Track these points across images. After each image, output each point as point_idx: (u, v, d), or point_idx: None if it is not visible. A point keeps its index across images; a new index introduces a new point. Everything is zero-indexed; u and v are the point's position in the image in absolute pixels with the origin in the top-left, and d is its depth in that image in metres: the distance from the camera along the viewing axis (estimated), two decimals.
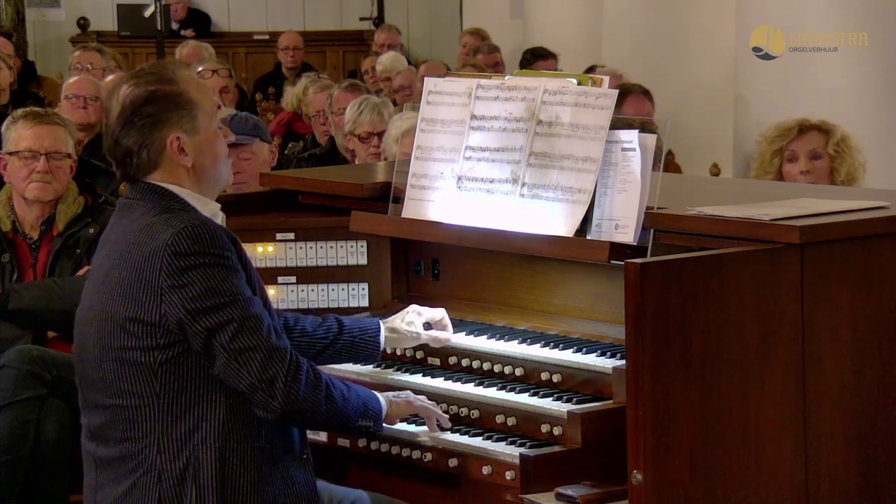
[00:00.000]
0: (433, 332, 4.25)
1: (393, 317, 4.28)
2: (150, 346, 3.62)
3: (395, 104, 7.98)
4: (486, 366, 4.16)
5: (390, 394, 3.96)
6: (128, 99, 3.74)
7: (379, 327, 4.22)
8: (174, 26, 15.57)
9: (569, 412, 3.78)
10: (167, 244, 3.61)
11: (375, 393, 3.89)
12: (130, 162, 3.76)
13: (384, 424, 3.89)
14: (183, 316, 3.59)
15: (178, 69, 3.84)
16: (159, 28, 13.51)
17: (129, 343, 3.64)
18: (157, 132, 3.73)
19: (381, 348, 4.23)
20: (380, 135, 6.91)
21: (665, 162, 4.06)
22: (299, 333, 4.11)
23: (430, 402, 4.00)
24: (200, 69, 9.53)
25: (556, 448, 3.76)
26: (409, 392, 4.00)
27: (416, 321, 4.24)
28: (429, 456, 3.99)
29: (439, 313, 4.28)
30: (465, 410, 4.02)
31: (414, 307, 4.28)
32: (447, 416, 4.01)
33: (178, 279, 3.60)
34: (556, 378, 4.00)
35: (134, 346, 3.63)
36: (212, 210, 3.81)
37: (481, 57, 11.24)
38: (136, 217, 3.72)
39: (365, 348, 4.21)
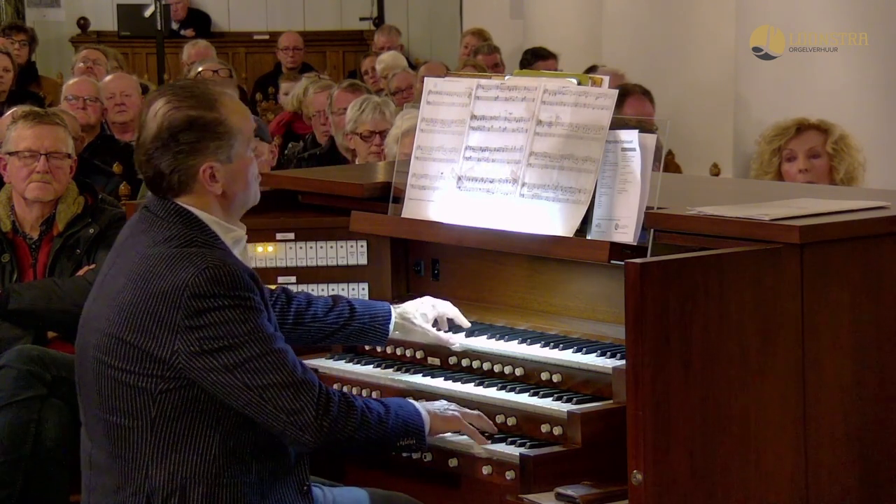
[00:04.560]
0: (440, 334, 4.24)
1: (406, 304, 4.28)
2: (153, 374, 3.57)
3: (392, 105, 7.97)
4: (486, 366, 4.17)
5: (438, 405, 3.89)
6: (166, 120, 3.65)
7: (389, 316, 4.24)
8: (174, 26, 15.58)
9: (569, 412, 3.78)
10: (188, 284, 3.54)
11: (418, 407, 3.82)
12: (160, 183, 3.69)
13: (428, 438, 3.83)
14: (197, 355, 3.53)
15: (222, 93, 3.73)
16: (159, 28, 13.52)
17: (131, 367, 3.59)
18: (191, 160, 3.66)
19: (389, 335, 4.25)
20: (381, 133, 6.93)
21: (665, 162, 4.07)
22: (311, 318, 4.13)
23: (474, 413, 3.92)
24: (201, 69, 9.53)
25: (556, 448, 3.76)
26: (455, 405, 3.92)
27: (429, 314, 4.26)
28: (429, 456, 3.99)
29: (452, 310, 4.29)
30: None
31: (428, 299, 4.30)
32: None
33: (196, 320, 3.53)
34: (556, 378, 4.00)
35: (136, 370, 3.58)
36: (235, 237, 3.74)
37: (481, 57, 11.25)
38: (159, 240, 3.64)
39: (374, 335, 4.24)
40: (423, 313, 4.26)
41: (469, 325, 4.29)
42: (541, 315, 4.29)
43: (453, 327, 4.30)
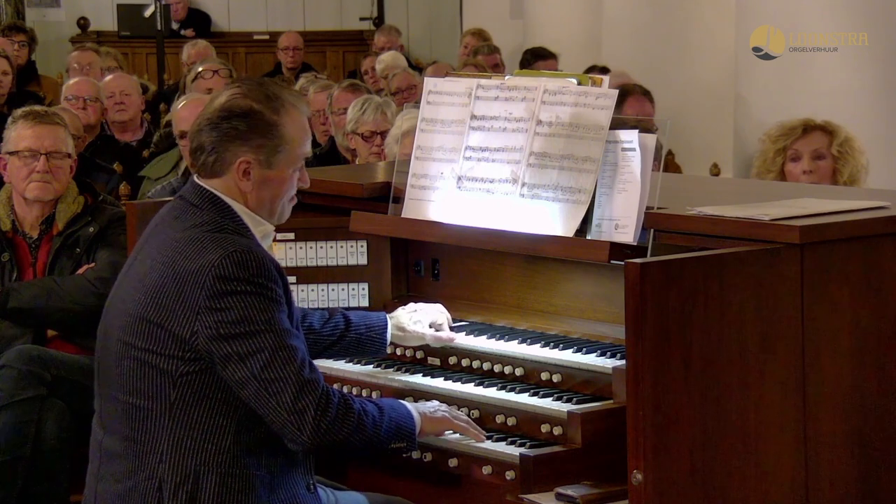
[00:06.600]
0: (438, 333, 4.25)
1: (398, 312, 4.29)
2: (174, 355, 3.61)
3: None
4: (486, 366, 4.16)
5: (427, 406, 3.91)
6: (228, 102, 3.74)
7: (386, 325, 4.25)
8: (174, 26, 15.58)
9: (569, 412, 3.78)
10: (213, 265, 3.59)
11: (410, 409, 3.84)
12: (198, 157, 3.77)
13: (419, 439, 3.85)
14: (214, 338, 3.57)
15: (293, 104, 3.78)
16: (159, 28, 13.53)
17: (154, 347, 3.63)
18: (232, 147, 3.72)
19: (387, 345, 4.26)
20: (382, 134, 6.92)
21: (665, 162, 4.07)
22: (306, 330, 4.12)
23: (463, 417, 3.95)
24: (201, 69, 9.53)
25: (556, 448, 3.76)
26: (445, 406, 3.95)
27: (423, 320, 4.26)
28: (429, 456, 3.98)
29: (441, 317, 4.29)
30: (465, 410, 4.02)
31: (422, 305, 4.30)
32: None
33: (217, 302, 3.58)
34: (556, 378, 4.00)
35: (159, 351, 3.62)
36: (264, 231, 3.80)
37: (481, 57, 11.25)
38: (188, 226, 3.70)
39: (371, 345, 4.25)
40: (416, 321, 4.26)
41: (455, 337, 4.26)
42: (541, 315, 4.29)
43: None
